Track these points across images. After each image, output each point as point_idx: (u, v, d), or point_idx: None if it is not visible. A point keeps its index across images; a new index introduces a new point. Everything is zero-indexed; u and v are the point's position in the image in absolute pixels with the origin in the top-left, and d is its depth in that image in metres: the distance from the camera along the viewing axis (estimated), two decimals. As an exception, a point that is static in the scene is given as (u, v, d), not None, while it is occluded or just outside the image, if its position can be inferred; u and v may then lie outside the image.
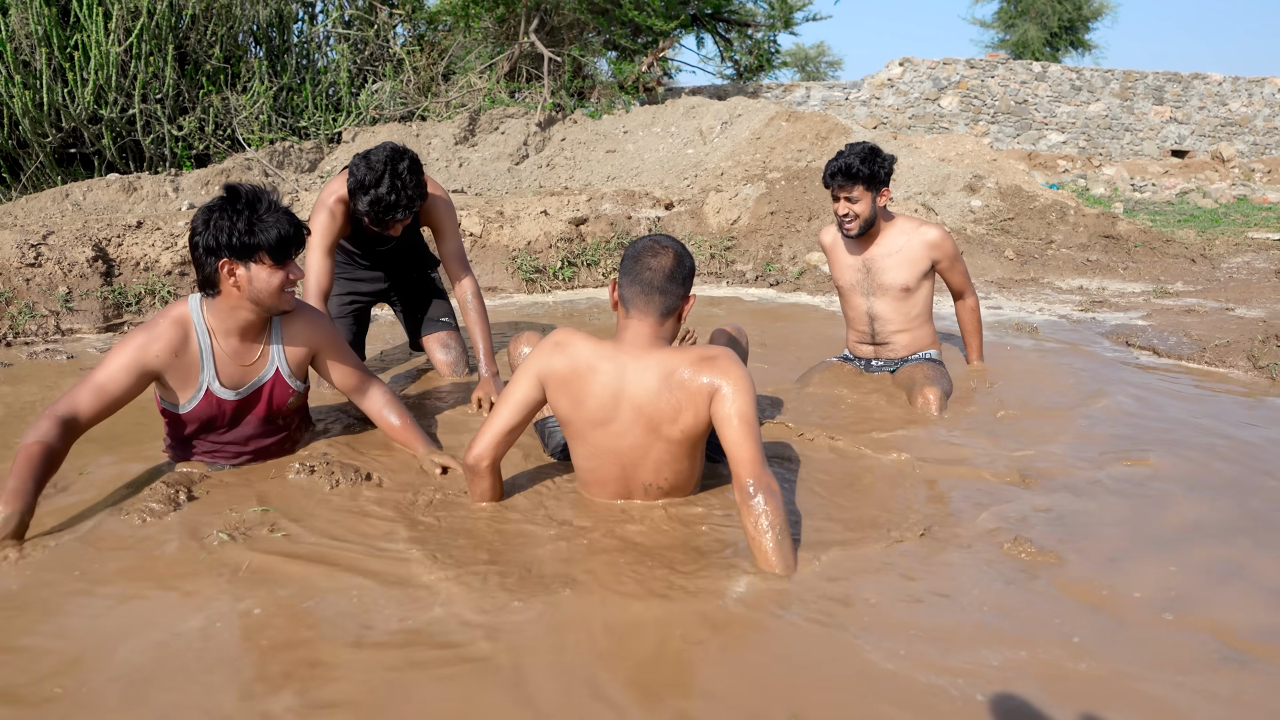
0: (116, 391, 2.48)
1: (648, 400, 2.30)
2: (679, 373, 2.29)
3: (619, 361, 2.34)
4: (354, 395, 2.94)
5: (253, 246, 2.45)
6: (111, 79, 8.67)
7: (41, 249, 4.79)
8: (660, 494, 2.50)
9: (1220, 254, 7.85)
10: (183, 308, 2.60)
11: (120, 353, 2.49)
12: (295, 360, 2.76)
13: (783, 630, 1.91)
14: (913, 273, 3.75)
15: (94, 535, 2.32)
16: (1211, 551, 2.31)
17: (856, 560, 2.22)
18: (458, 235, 3.68)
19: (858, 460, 2.95)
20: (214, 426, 2.69)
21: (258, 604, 1.98)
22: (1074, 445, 3.13)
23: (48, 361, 4.08)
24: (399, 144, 3.23)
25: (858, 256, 3.82)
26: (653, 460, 2.41)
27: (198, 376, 2.59)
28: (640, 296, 2.34)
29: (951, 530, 2.41)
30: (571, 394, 2.37)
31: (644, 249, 2.37)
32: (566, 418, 2.42)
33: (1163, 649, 1.86)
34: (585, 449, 2.45)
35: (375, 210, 3.21)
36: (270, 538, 2.31)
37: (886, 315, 3.84)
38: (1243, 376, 4.18)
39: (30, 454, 2.31)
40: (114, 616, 1.94)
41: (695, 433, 2.34)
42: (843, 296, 3.98)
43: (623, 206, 7.04)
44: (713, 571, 2.15)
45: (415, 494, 2.63)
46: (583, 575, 2.12)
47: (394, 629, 1.89)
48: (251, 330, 2.64)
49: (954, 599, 2.04)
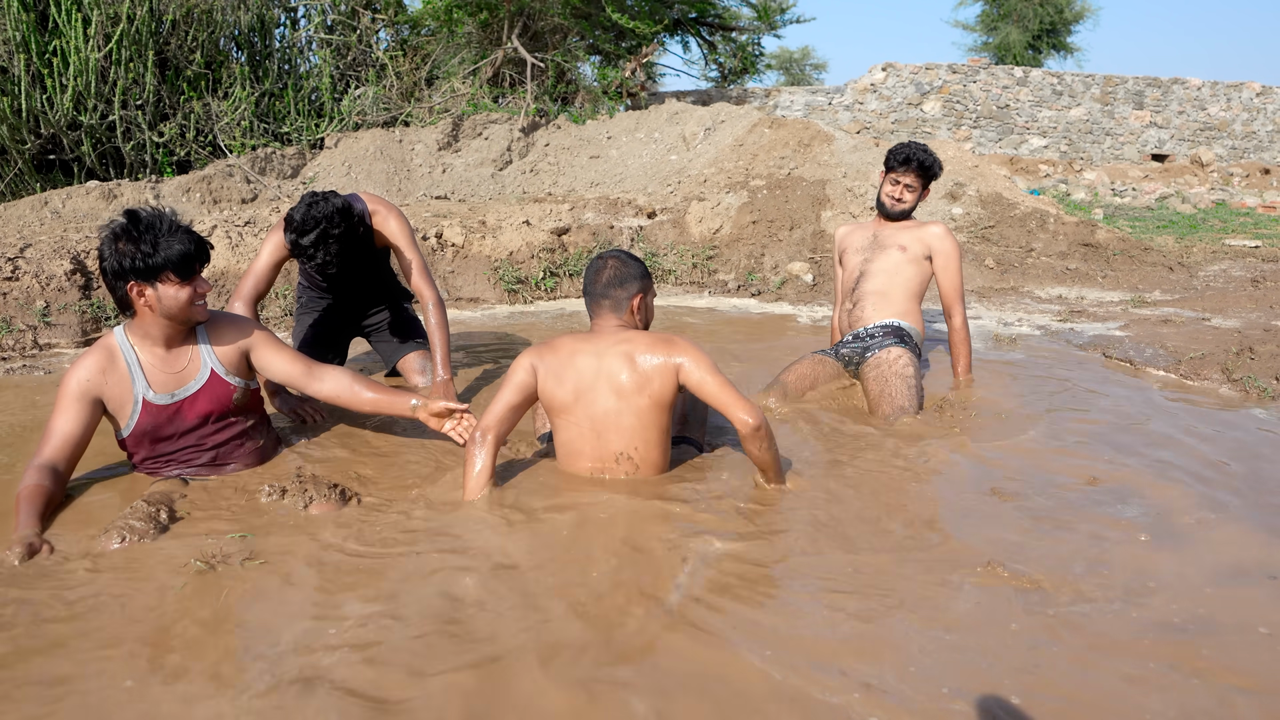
0: (70, 429, 2.65)
1: (618, 374, 2.73)
2: (644, 353, 2.75)
3: (596, 347, 2.78)
4: (307, 383, 2.98)
5: (156, 267, 2.57)
6: (91, 85, 8.62)
7: (19, 262, 4.77)
8: (632, 466, 2.80)
9: (1198, 261, 7.92)
10: (109, 335, 2.76)
11: (60, 393, 2.67)
12: (227, 359, 2.85)
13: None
14: (913, 245, 4.02)
15: (75, 557, 2.33)
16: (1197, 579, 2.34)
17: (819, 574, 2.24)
18: (415, 248, 3.74)
19: (840, 471, 2.97)
20: (165, 434, 2.78)
21: (234, 632, 1.99)
22: (1047, 460, 3.16)
23: (25, 378, 4.06)
24: (348, 207, 3.33)
25: (872, 232, 4.17)
26: (625, 427, 2.76)
27: (131, 390, 2.71)
28: (593, 304, 2.88)
29: (923, 548, 2.43)
30: (557, 375, 2.78)
31: (591, 266, 2.93)
32: (552, 396, 2.79)
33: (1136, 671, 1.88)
34: (565, 421, 2.81)
35: (295, 249, 3.34)
36: (244, 566, 2.30)
37: (873, 274, 4.06)
38: (1216, 389, 4.22)
39: (28, 493, 2.52)
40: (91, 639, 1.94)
41: (662, 399, 2.75)
42: (843, 269, 4.24)
43: (605, 216, 7.05)
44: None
45: (390, 508, 2.64)
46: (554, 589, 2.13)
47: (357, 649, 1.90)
48: (175, 338, 2.76)
49: (899, 616, 2.06)
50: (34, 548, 2.36)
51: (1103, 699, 1.80)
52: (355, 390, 3.00)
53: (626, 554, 2.40)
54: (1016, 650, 1.96)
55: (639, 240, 6.88)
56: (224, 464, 2.89)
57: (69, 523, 2.56)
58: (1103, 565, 2.37)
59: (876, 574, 2.30)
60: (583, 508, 2.68)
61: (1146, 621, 2.09)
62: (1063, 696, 1.80)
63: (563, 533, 2.54)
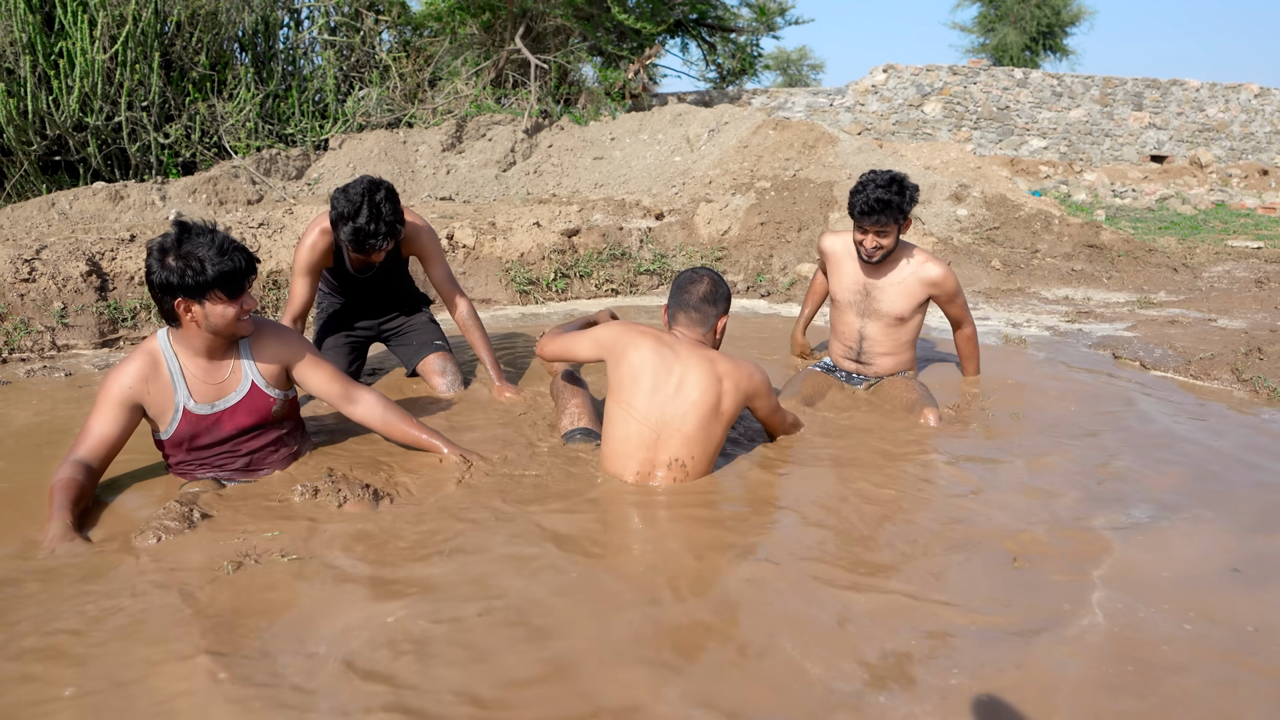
0: (108, 431, 2.67)
1: (696, 384, 2.80)
2: (726, 374, 2.85)
3: (676, 350, 2.87)
4: (342, 404, 3.02)
5: (205, 285, 2.57)
6: (97, 87, 8.61)
7: (35, 264, 4.78)
8: (683, 473, 2.84)
9: (1201, 263, 7.97)
10: (152, 340, 2.76)
11: (101, 394, 2.68)
12: (268, 371, 2.86)
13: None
14: (909, 304, 3.83)
15: (113, 554, 2.35)
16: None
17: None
18: (444, 261, 3.88)
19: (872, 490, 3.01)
20: (202, 441, 2.79)
21: (269, 629, 2.01)
22: (1070, 460, 3.20)
23: (46, 379, 4.07)
24: (375, 176, 3.43)
25: (860, 278, 3.88)
26: (687, 435, 2.81)
27: (173, 398, 2.72)
28: (681, 312, 2.94)
29: (959, 545, 2.47)
30: (632, 365, 2.84)
31: (686, 276, 2.99)
32: (620, 383, 2.87)
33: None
34: (627, 414, 2.84)
35: (357, 239, 3.38)
36: (280, 563, 2.33)
37: (876, 338, 3.92)
38: (1226, 390, 4.26)
39: (62, 485, 2.53)
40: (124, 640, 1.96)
41: (726, 411, 2.86)
42: (836, 307, 4.04)
43: (614, 217, 7.07)
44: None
45: (423, 507, 2.67)
46: (592, 571, 2.16)
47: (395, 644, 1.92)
48: (218, 350, 2.77)
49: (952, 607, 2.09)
50: (69, 538, 2.39)
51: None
52: (387, 419, 3.03)
53: (670, 546, 2.43)
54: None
55: (648, 241, 6.91)
56: (257, 469, 2.91)
57: (105, 522, 2.58)
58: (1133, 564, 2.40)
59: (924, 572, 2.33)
60: (624, 504, 2.72)
61: (1169, 620, 2.12)
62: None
63: (604, 529, 2.57)
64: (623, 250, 6.70)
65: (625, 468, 2.85)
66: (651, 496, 2.78)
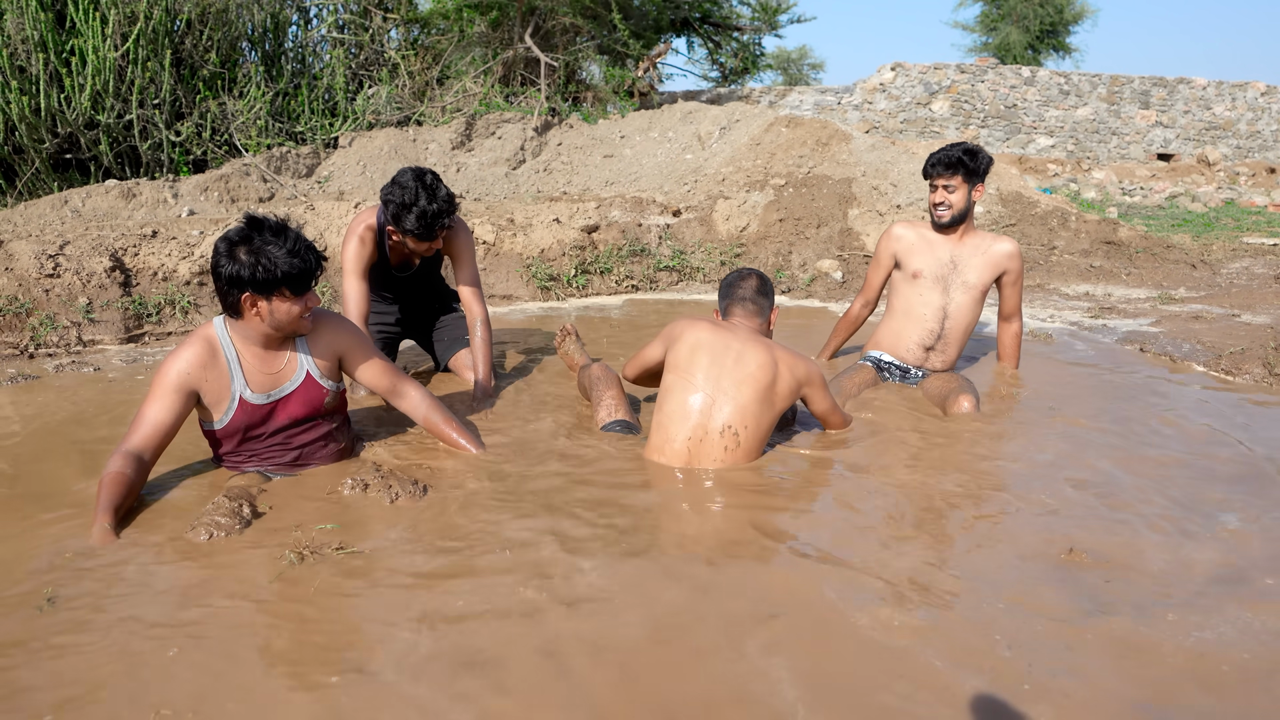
0: (164, 418, 2.62)
1: (754, 359, 2.90)
2: (783, 359, 2.96)
3: (735, 332, 2.99)
4: (390, 397, 3.04)
5: (274, 282, 2.55)
6: (108, 84, 8.58)
7: (59, 259, 4.75)
8: (735, 441, 2.87)
9: (1219, 259, 7.95)
10: (209, 327, 2.73)
11: (157, 381, 2.63)
12: (323, 363, 2.85)
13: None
14: (990, 276, 3.89)
15: (166, 550, 2.33)
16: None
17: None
18: (475, 264, 3.90)
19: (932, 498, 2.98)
20: (256, 432, 2.77)
21: (328, 621, 1.99)
22: (1108, 451, 3.18)
23: (74, 374, 4.04)
24: (411, 166, 3.49)
25: (947, 249, 3.90)
26: (741, 403, 2.86)
27: (230, 387, 2.69)
28: (737, 304, 3.10)
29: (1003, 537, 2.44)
30: (689, 343, 2.95)
31: (737, 273, 3.18)
32: (677, 360, 2.96)
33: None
34: (684, 382, 2.91)
35: (423, 223, 3.41)
36: (337, 556, 2.30)
37: (959, 316, 3.89)
38: (1259, 385, 4.24)
39: (110, 480, 2.50)
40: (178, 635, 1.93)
41: (780, 394, 2.93)
42: (913, 289, 3.93)
43: (631, 214, 7.05)
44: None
45: (473, 502, 2.64)
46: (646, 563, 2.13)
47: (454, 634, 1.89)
48: (275, 341, 2.74)
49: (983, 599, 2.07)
50: (107, 542, 2.37)
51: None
52: (430, 417, 3.06)
53: (720, 542, 2.40)
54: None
55: (667, 238, 6.89)
56: (305, 463, 2.88)
57: (155, 518, 2.55)
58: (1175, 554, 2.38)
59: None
60: (669, 492, 2.70)
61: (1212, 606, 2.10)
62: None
63: (652, 514, 2.55)
64: (642, 247, 6.68)
65: (676, 434, 2.88)
66: (699, 485, 2.77)
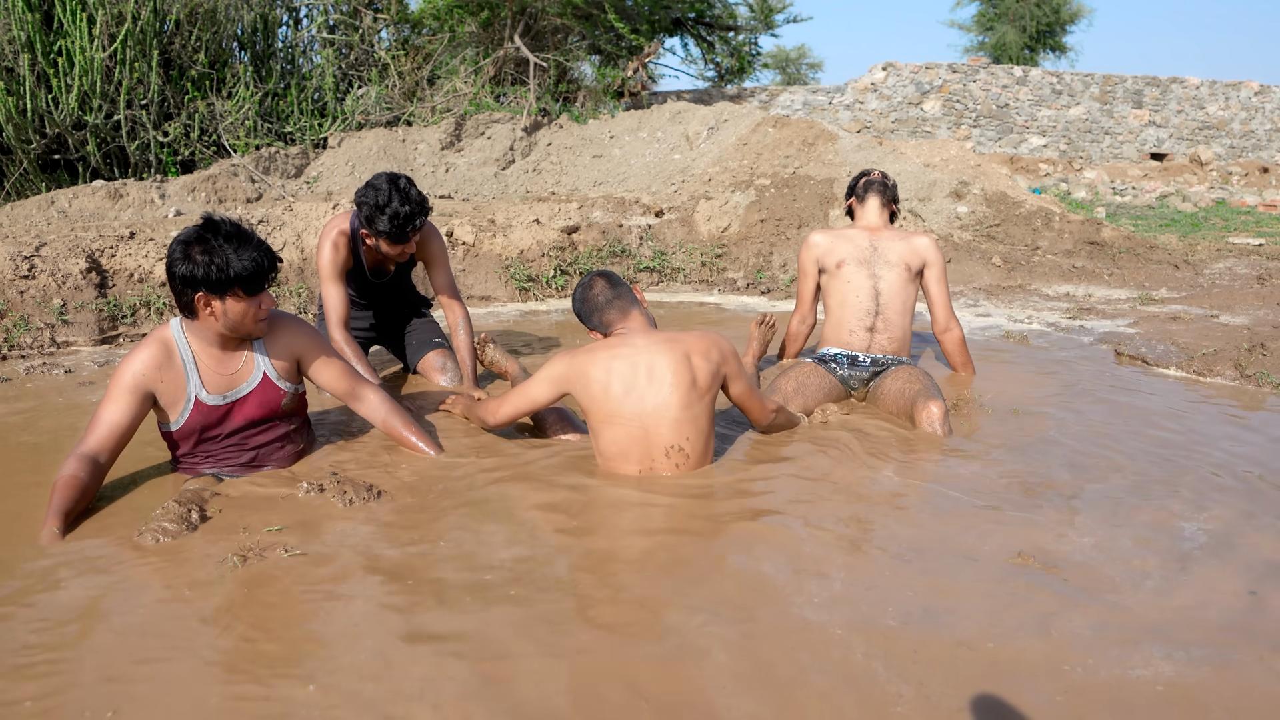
0: (120, 419, 2.64)
1: (664, 362, 2.77)
2: (690, 347, 2.83)
3: (632, 343, 2.81)
4: (348, 400, 3.06)
5: (227, 281, 2.56)
6: (96, 85, 8.60)
7: (35, 260, 4.77)
8: (683, 458, 2.82)
9: (1202, 259, 7.96)
10: (165, 329, 2.75)
11: (113, 383, 2.65)
12: (280, 364, 2.86)
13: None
14: (913, 259, 3.93)
15: (113, 555, 2.34)
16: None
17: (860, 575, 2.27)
18: (449, 266, 3.96)
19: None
20: (212, 433, 2.78)
21: (277, 628, 2.00)
22: (1066, 455, 3.18)
23: (45, 376, 4.06)
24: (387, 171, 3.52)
25: (865, 238, 3.95)
26: (676, 420, 2.78)
27: (185, 388, 2.71)
28: (607, 313, 2.92)
29: (959, 541, 2.45)
30: (596, 379, 2.79)
31: (583, 288, 2.97)
32: (593, 401, 2.82)
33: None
34: (610, 424, 2.80)
35: (396, 224, 3.43)
36: (283, 558, 2.32)
37: (893, 291, 3.85)
38: (1231, 385, 4.25)
39: (63, 484, 2.51)
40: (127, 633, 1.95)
41: (703, 386, 2.82)
42: (839, 279, 3.91)
43: (613, 214, 7.07)
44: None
45: (424, 507, 2.66)
46: (596, 582, 2.15)
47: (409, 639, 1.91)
48: (231, 343, 2.77)
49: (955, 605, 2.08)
50: (54, 545, 2.39)
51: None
52: (389, 421, 3.08)
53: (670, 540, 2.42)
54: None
55: (648, 238, 6.90)
56: (261, 465, 2.90)
57: (106, 523, 2.56)
58: (1132, 557, 2.39)
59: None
60: (628, 495, 2.71)
61: (1170, 611, 2.11)
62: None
63: (607, 517, 2.56)
64: (623, 247, 6.69)
65: (626, 469, 2.84)
66: (655, 487, 2.78)
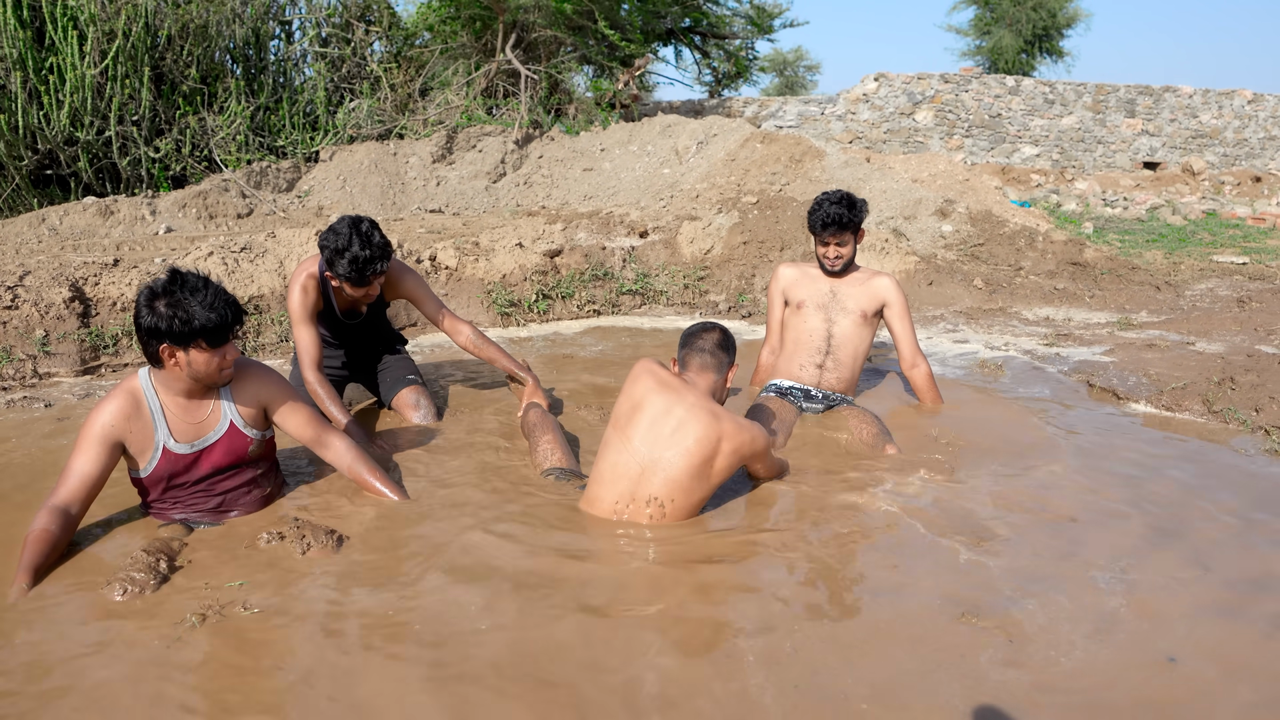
0: (90, 470, 2.71)
1: (695, 430, 2.81)
2: (727, 434, 2.84)
3: (682, 395, 2.88)
4: (314, 447, 3.12)
5: (190, 334, 2.63)
6: (87, 101, 8.67)
7: (18, 290, 4.82)
8: (660, 514, 2.85)
9: (1185, 280, 8.01)
10: (133, 379, 2.82)
11: (83, 433, 2.73)
12: (247, 411, 2.93)
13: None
14: (870, 304, 4.14)
15: (76, 607, 2.40)
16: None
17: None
18: (433, 296, 4.02)
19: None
20: (181, 481, 2.85)
21: (231, 686, 2.06)
22: (1030, 497, 3.23)
23: (25, 411, 4.11)
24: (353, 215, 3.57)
25: (827, 283, 4.18)
26: (671, 476, 2.83)
27: (154, 437, 2.78)
28: (696, 356, 3.00)
29: (898, 593, 2.51)
30: (634, 397, 2.91)
31: (700, 325, 3.08)
32: (619, 413, 2.93)
33: None
34: (621, 442, 2.88)
35: (355, 268, 3.48)
36: (242, 615, 2.37)
37: (845, 337, 4.12)
38: (1199, 422, 4.30)
39: (34, 539, 2.58)
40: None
41: (718, 470, 2.87)
42: (799, 318, 4.20)
43: (598, 236, 7.12)
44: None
45: (387, 554, 2.72)
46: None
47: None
48: (198, 391, 2.83)
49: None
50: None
51: None
52: (354, 467, 3.13)
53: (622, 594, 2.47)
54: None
55: (631, 261, 6.95)
56: (228, 510, 2.96)
57: (74, 572, 2.62)
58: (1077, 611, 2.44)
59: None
60: (596, 548, 2.76)
61: (1115, 665, 2.17)
62: None
63: (576, 570, 2.61)
64: (605, 270, 6.74)
65: (604, 495, 2.90)
66: (635, 533, 2.84)
